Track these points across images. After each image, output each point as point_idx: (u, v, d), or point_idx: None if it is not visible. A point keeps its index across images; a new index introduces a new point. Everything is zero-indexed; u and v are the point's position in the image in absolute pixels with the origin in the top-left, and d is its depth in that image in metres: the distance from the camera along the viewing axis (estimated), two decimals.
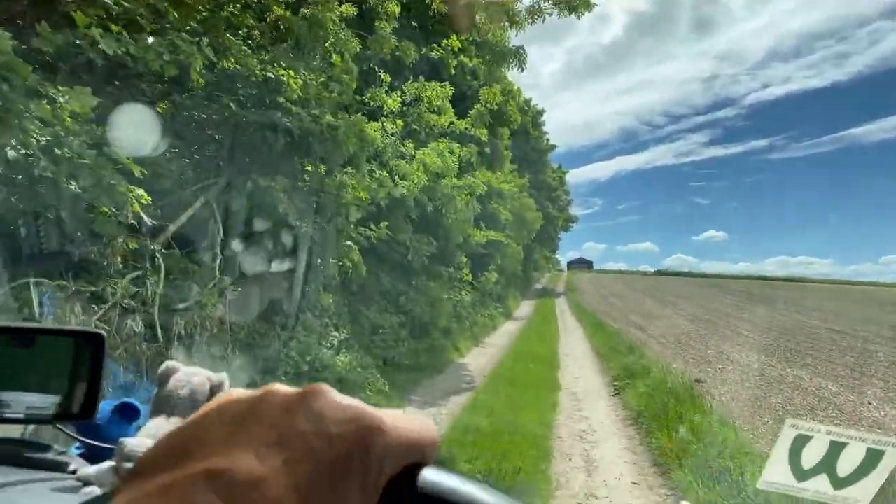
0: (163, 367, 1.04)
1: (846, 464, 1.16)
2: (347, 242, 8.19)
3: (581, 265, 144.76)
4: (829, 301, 37.62)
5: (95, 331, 0.97)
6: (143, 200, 5.09)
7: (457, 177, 11.17)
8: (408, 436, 0.32)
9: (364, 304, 10.35)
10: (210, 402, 0.33)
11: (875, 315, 27.17)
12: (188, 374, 1.02)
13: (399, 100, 9.56)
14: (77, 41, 4.77)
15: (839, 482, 1.17)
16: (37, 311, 4.60)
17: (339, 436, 0.29)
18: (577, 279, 70.95)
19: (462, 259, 15.98)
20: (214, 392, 1.03)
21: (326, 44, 8.46)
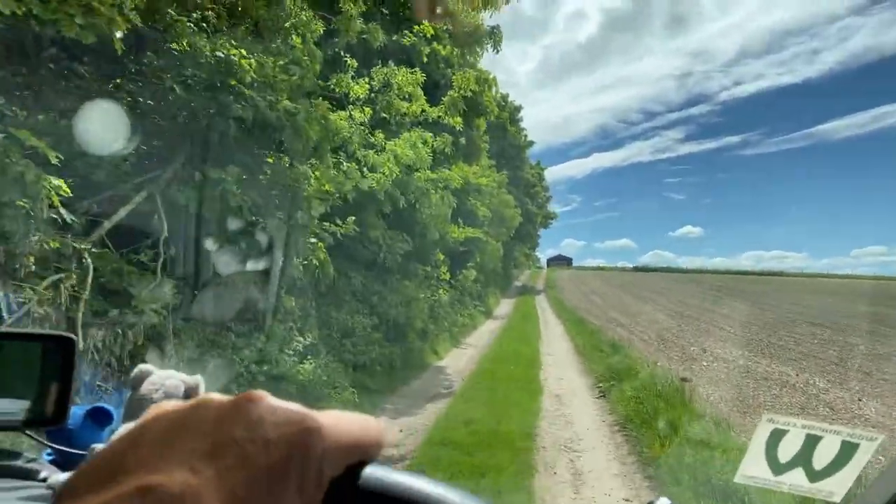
0: (136, 371, 1.03)
1: (822, 457, 1.17)
2: (311, 239, 7.51)
3: (560, 262, 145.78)
4: (806, 294, 38.28)
5: (65, 334, 0.91)
6: (63, 193, 4.37)
7: (431, 170, 10.55)
8: (349, 435, 0.31)
9: (334, 306, 9.67)
10: (142, 417, 0.31)
11: (852, 308, 27.64)
12: (162, 378, 1.02)
13: (367, 86, 8.89)
14: None
15: (815, 475, 1.17)
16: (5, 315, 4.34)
17: (276, 440, 0.28)
18: (557, 276, 71.06)
19: (439, 257, 15.40)
20: (189, 395, 1.01)
21: (287, 24, 7.78)
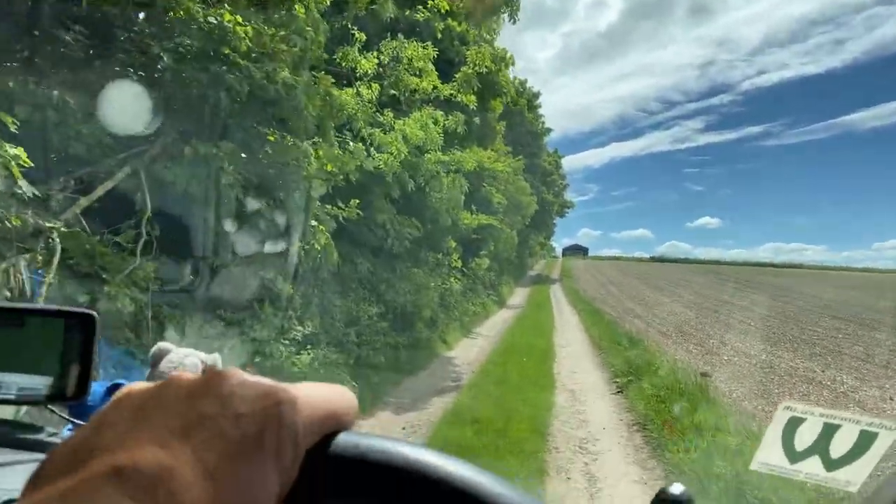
0: (155, 348, 1.10)
1: (839, 445, 1.15)
2: (312, 223, 7.04)
3: (576, 252, 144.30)
4: (827, 287, 37.28)
5: (86, 311, 0.89)
6: (23, 163, 3.93)
7: (442, 151, 10.00)
8: (322, 406, 0.32)
9: (338, 293, 9.23)
10: (113, 397, 0.31)
11: (874, 302, 26.80)
12: (181, 356, 1.10)
13: (375, 60, 8.34)
14: None
15: (832, 464, 1.16)
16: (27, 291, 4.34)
17: (248, 414, 0.28)
18: (573, 265, 70.18)
19: (451, 244, 14.87)
20: None
21: None
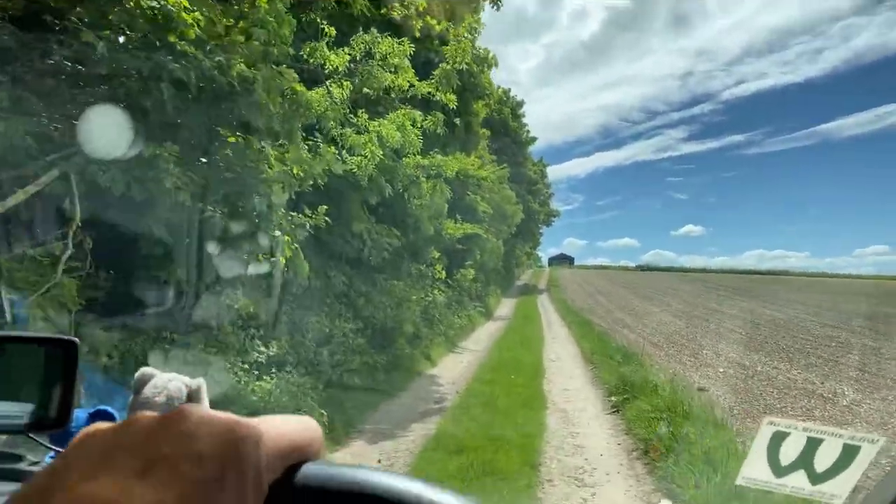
0: (138, 374, 1.03)
1: (823, 459, 1.16)
2: (276, 233, 6.33)
3: (562, 261, 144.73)
4: (813, 294, 37.47)
5: (67, 337, 0.88)
6: None
7: (422, 155, 9.32)
8: (286, 438, 0.32)
9: (309, 310, 8.49)
10: (75, 438, 0.31)
11: (862, 308, 26.81)
12: (164, 380, 1.01)
13: (347, 56, 7.68)
14: None
15: (817, 477, 1.17)
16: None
17: (209, 453, 0.28)
18: (560, 275, 70.02)
19: (434, 254, 14.22)
20: (192, 397, 1.02)
21: None
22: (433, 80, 8.36)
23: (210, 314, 6.00)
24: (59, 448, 1.02)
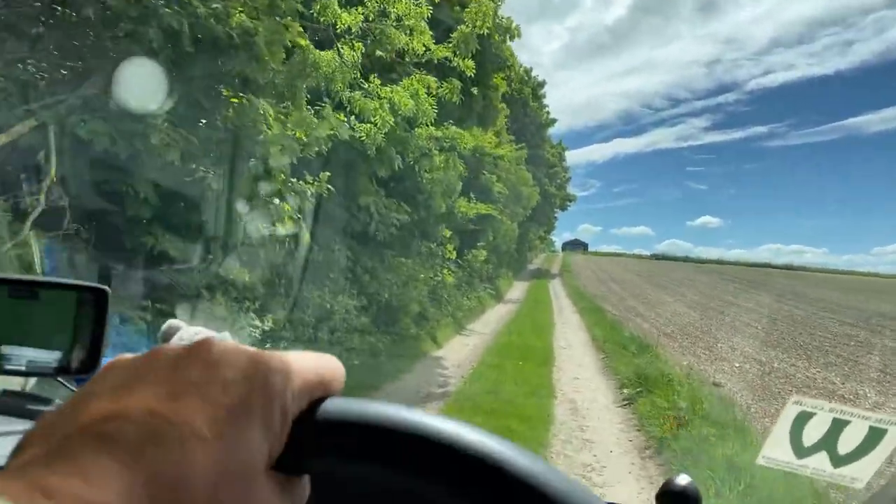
0: (165, 326, 1.03)
1: (847, 441, 1.13)
2: (275, 200, 5.91)
3: (576, 247, 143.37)
4: (831, 290, 36.56)
5: (99, 285, 0.89)
6: None
7: (435, 125, 8.82)
8: (310, 372, 0.31)
9: (312, 283, 8.11)
10: (102, 367, 0.31)
11: (883, 307, 26.01)
12: (191, 333, 1.01)
13: (360, 15, 7.13)
14: None
15: (839, 460, 1.13)
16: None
17: (236, 381, 0.28)
18: (573, 261, 69.30)
19: (445, 233, 13.74)
20: None
21: None
22: (451, 44, 7.81)
23: (200, 283, 5.63)
24: None
